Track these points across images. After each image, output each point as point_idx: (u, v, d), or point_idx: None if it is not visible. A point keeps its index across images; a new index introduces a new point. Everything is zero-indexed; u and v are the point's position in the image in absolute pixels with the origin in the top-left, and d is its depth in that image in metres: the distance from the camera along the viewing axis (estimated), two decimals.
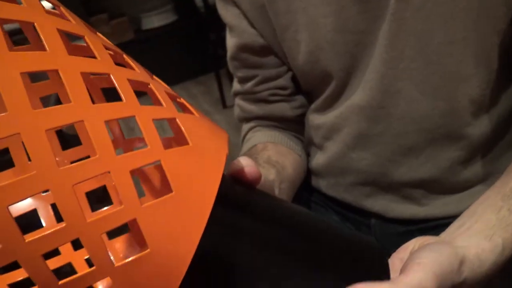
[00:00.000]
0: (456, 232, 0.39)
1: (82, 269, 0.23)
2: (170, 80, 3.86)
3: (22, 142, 0.19)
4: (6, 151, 0.34)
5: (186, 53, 3.25)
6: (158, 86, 0.27)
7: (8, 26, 0.31)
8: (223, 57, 2.66)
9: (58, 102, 0.30)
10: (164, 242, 0.22)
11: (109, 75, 0.23)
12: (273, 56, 0.60)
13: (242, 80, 0.64)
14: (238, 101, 0.67)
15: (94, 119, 0.21)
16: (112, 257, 0.25)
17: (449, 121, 0.51)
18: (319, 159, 0.64)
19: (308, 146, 0.68)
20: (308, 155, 0.68)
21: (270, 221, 0.29)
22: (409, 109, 0.51)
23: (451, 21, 0.46)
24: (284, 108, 0.64)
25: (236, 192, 0.29)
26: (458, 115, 0.50)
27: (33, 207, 0.36)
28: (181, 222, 0.22)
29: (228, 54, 0.64)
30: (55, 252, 0.36)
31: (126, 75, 0.24)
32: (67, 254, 0.36)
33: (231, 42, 0.62)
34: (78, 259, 0.36)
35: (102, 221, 0.21)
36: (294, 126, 0.66)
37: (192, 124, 0.26)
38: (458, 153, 0.53)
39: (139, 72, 0.26)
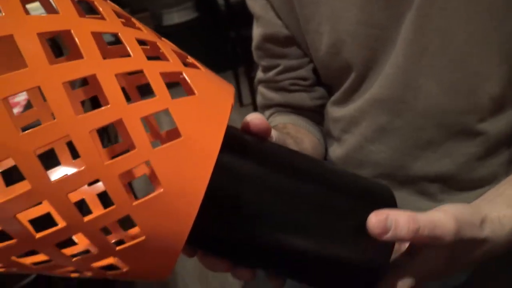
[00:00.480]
0: (479, 202, 0.40)
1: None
2: None
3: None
4: None
5: (205, 50, 3.25)
6: (165, 45, 0.28)
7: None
8: (241, 56, 2.62)
9: None
10: (176, 182, 0.24)
11: (117, 34, 0.25)
12: (296, 47, 0.62)
13: (265, 69, 0.67)
14: (260, 88, 0.69)
15: (105, 72, 0.23)
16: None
17: (468, 118, 0.51)
18: (336, 151, 0.65)
19: (326, 139, 0.69)
20: (326, 148, 0.70)
21: (277, 160, 0.31)
22: (429, 104, 0.52)
23: (475, 20, 0.46)
24: (304, 98, 0.65)
25: (243, 138, 0.31)
26: (477, 112, 0.51)
27: None
28: (191, 164, 0.24)
29: (253, 44, 0.66)
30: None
31: (134, 35, 0.26)
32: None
33: (257, 32, 0.64)
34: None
35: (119, 163, 0.23)
36: (313, 115, 0.68)
37: (198, 77, 0.28)
38: (475, 149, 0.53)
39: (146, 32, 0.28)
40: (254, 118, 0.32)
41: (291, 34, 0.61)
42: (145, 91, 0.33)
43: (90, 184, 0.39)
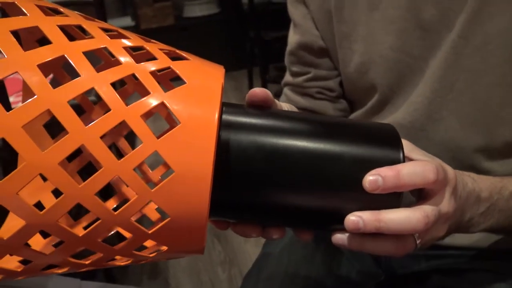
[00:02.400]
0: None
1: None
2: None
3: None
4: None
5: (223, 46, 3.27)
6: (152, 46, 0.31)
7: None
8: (258, 57, 2.60)
9: None
10: (184, 164, 0.27)
11: (106, 47, 0.28)
12: (328, 59, 0.65)
13: (295, 74, 0.69)
14: (286, 91, 0.72)
15: (102, 84, 0.26)
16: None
17: (479, 156, 0.53)
18: None
19: None
20: None
21: (276, 123, 0.33)
22: (447, 137, 0.53)
23: (507, 65, 0.47)
24: (327, 107, 0.67)
25: (243, 110, 0.34)
26: (489, 151, 0.52)
27: None
28: (193, 145, 0.27)
29: (288, 48, 0.69)
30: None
31: (121, 45, 0.29)
32: None
33: (293, 38, 0.67)
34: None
35: (131, 158, 0.26)
36: None
37: (187, 67, 0.31)
38: None
39: (132, 39, 0.31)
40: (256, 89, 0.35)
41: (326, 46, 0.63)
42: None
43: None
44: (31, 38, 0.36)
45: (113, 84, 0.27)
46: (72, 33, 0.36)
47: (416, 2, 0.51)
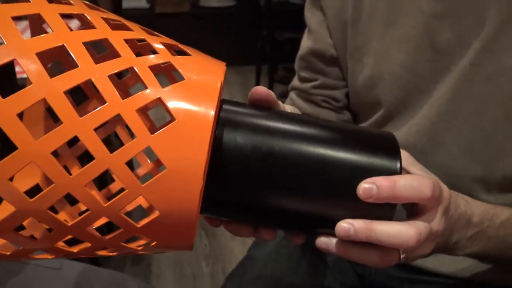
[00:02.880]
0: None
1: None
2: None
3: None
4: None
5: (234, 39, 3.25)
6: (154, 39, 0.31)
7: None
8: (268, 55, 2.60)
9: None
10: (177, 161, 0.27)
11: (107, 39, 0.28)
12: (337, 69, 0.65)
13: (303, 80, 0.69)
14: (292, 95, 0.72)
15: (100, 76, 0.26)
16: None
17: (477, 186, 0.52)
18: None
19: None
20: None
21: (275, 124, 0.33)
22: (446, 163, 0.53)
23: None
24: (331, 116, 0.67)
25: (242, 109, 0.34)
26: (487, 184, 0.51)
27: None
28: (187, 143, 0.27)
29: (299, 53, 0.69)
30: None
31: (122, 36, 0.29)
32: None
33: (306, 44, 0.67)
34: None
35: (124, 151, 0.26)
36: None
37: (187, 63, 0.30)
38: None
39: (135, 31, 0.31)
40: (259, 87, 0.35)
41: (337, 55, 0.63)
42: None
43: None
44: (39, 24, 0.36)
45: (118, 74, 0.27)
46: (82, 23, 0.36)
47: (434, 24, 0.51)
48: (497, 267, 0.50)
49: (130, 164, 0.27)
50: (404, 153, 0.38)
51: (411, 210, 0.36)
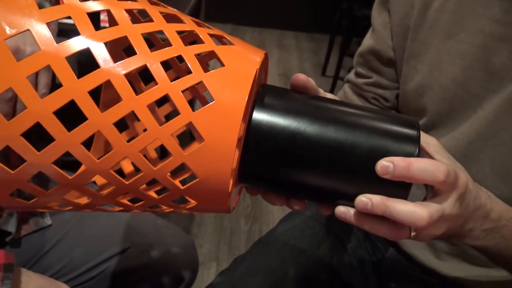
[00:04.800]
0: None
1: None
2: (287, 25, 3.83)
3: None
4: None
5: (313, 7, 3.32)
6: (202, 31, 0.36)
7: None
8: (344, 29, 2.60)
9: None
10: (214, 134, 0.32)
11: (162, 30, 0.34)
12: (393, 70, 0.68)
13: (358, 75, 0.73)
14: (346, 87, 0.75)
15: (154, 61, 0.32)
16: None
17: None
18: None
19: None
20: None
21: (308, 107, 0.37)
22: (476, 180, 0.53)
23: None
24: None
25: (278, 93, 0.38)
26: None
27: None
28: (223, 120, 0.32)
29: (359, 49, 0.72)
30: None
31: (175, 28, 0.35)
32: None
33: (367, 42, 0.70)
34: None
35: (170, 125, 0.32)
36: None
37: (228, 51, 0.35)
38: None
39: (186, 24, 0.36)
40: (299, 74, 0.39)
41: (394, 58, 0.66)
42: None
43: None
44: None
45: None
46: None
47: (492, 45, 0.52)
48: (507, 270, 0.49)
49: None
50: (433, 140, 0.40)
51: (430, 191, 0.38)
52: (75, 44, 0.31)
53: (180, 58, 0.35)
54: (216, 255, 1.52)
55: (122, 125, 0.44)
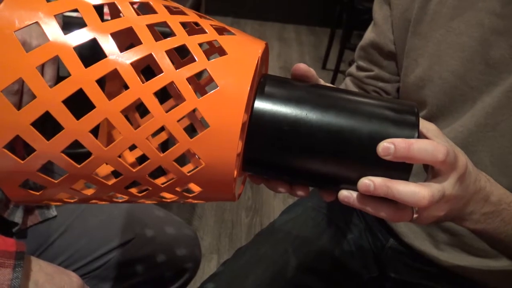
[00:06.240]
0: None
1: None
2: (287, 18, 3.82)
3: None
4: None
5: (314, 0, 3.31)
6: (204, 22, 0.37)
7: None
8: (344, 22, 2.61)
9: None
10: (218, 121, 0.33)
11: (166, 22, 0.35)
12: (394, 63, 0.69)
13: (360, 68, 0.74)
14: (347, 80, 0.77)
15: (159, 50, 0.33)
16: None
17: None
18: None
19: None
20: None
21: (308, 94, 0.38)
22: None
23: None
24: None
25: (280, 81, 0.39)
26: None
27: None
28: (227, 107, 0.33)
29: (361, 43, 0.73)
30: None
31: (178, 19, 0.35)
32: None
33: (369, 35, 0.71)
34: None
35: (176, 111, 0.33)
36: None
37: (231, 41, 0.36)
38: None
39: (190, 16, 0.37)
40: (300, 64, 0.40)
41: (395, 51, 0.67)
42: None
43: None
44: None
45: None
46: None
47: (491, 38, 0.53)
48: (505, 255, 0.51)
49: None
50: (431, 126, 0.41)
51: (430, 172, 0.40)
52: (83, 35, 0.32)
53: (181, 56, 0.36)
54: (217, 247, 1.54)
55: None
